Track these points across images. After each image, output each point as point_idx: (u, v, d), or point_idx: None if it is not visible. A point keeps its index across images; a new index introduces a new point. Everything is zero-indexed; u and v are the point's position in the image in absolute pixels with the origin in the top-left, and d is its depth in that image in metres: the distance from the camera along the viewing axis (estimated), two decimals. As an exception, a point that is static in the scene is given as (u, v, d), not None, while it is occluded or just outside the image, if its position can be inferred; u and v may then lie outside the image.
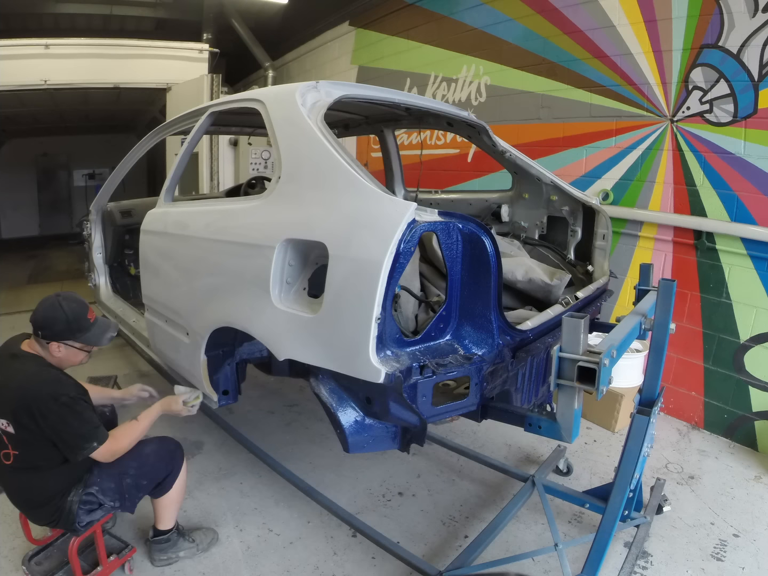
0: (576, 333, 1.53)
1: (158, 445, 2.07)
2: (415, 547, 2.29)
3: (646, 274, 2.37)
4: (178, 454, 2.09)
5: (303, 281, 1.77)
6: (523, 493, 2.40)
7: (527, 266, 2.45)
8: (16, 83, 5.77)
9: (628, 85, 3.54)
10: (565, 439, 1.67)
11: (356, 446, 1.65)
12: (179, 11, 7.72)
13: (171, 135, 3.13)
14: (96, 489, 1.90)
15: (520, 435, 3.09)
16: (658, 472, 2.87)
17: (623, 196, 3.65)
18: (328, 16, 6.65)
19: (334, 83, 2.11)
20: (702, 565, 2.22)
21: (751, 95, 2.96)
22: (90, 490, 1.89)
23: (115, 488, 1.93)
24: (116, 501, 1.94)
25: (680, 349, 3.43)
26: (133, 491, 1.96)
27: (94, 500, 1.90)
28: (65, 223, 11.70)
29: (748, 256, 3.07)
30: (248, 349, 2.26)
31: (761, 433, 3.11)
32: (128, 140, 6.35)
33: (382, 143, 3.64)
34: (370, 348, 1.47)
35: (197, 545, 2.20)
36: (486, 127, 2.68)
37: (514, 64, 4.33)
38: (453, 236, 1.64)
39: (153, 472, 1.99)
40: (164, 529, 2.13)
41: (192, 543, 2.19)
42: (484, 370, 1.66)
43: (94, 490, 1.90)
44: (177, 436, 3.12)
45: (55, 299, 1.91)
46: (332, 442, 3.04)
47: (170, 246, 2.45)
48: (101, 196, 3.74)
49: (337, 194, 1.69)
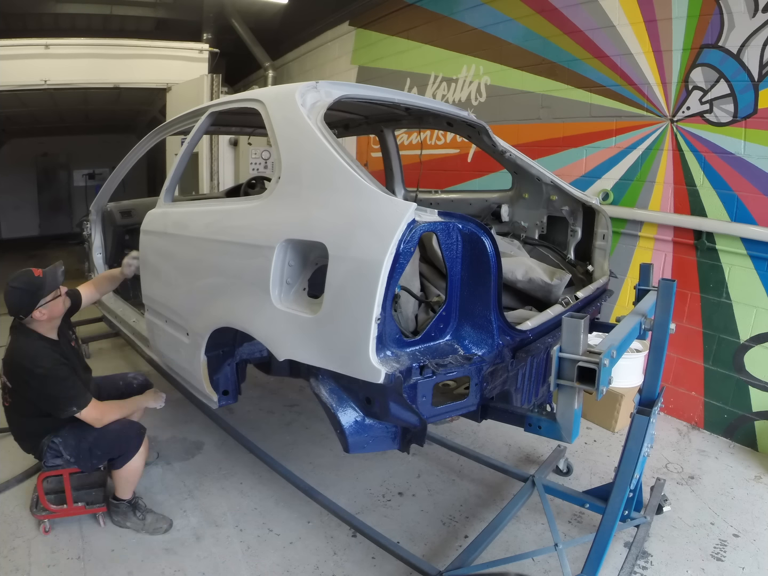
0: (576, 333, 1.53)
1: (121, 427, 2.31)
2: (415, 547, 2.29)
3: (646, 274, 2.37)
4: (135, 441, 2.30)
5: (303, 281, 1.77)
6: (523, 493, 2.40)
7: (527, 266, 2.45)
8: (16, 83, 5.77)
9: (628, 85, 3.54)
10: (565, 439, 1.67)
11: (356, 446, 1.65)
12: (179, 11, 7.72)
13: (171, 135, 3.13)
14: (60, 441, 2.25)
15: (520, 435, 3.09)
16: (658, 472, 2.87)
17: (623, 196, 3.65)
18: (328, 16, 6.65)
19: (334, 83, 2.11)
20: (702, 565, 2.22)
21: (751, 95, 2.96)
22: (56, 439, 2.25)
23: (74, 446, 2.26)
24: (72, 457, 2.27)
25: (680, 349, 3.43)
26: (87, 455, 2.26)
27: (56, 449, 2.26)
28: (65, 223, 11.67)
29: (748, 256, 3.07)
30: (248, 349, 2.26)
31: (761, 433, 3.11)
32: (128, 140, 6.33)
33: (382, 143, 3.64)
34: (370, 348, 1.47)
35: (144, 524, 2.35)
36: (486, 127, 2.67)
37: (514, 64, 4.33)
38: (453, 236, 1.64)
39: (107, 447, 2.26)
40: (120, 497, 2.38)
41: (141, 521, 2.36)
42: (484, 370, 1.66)
43: (58, 441, 2.25)
44: (177, 436, 3.13)
45: (7, 288, 2.16)
46: (332, 442, 3.04)
47: (170, 246, 2.45)
48: (101, 196, 3.74)
49: (336, 194, 1.69)
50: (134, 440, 2.30)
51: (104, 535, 2.33)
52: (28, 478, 2.66)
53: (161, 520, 2.40)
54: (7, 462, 2.78)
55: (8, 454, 2.83)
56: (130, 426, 2.35)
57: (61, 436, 2.26)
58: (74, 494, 2.35)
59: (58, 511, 2.33)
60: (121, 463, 2.28)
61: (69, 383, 2.17)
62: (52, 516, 2.34)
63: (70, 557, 2.19)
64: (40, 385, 2.12)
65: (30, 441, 2.31)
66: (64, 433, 2.26)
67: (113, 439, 2.26)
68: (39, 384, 2.12)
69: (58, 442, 2.26)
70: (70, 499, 2.33)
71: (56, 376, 2.14)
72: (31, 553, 2.20)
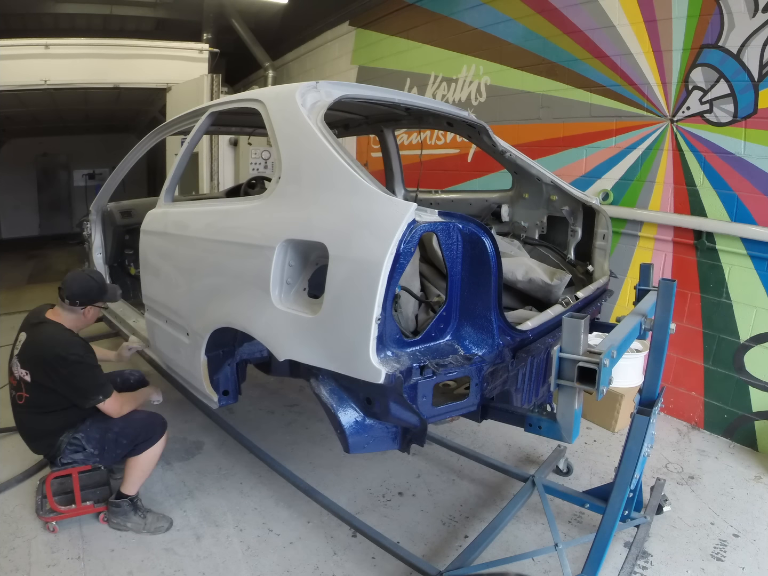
0: (576, 333, 1.53)
1: (147, 416, 2.39)
2: (415, 547, 2.29)
3: (646, 274, 2.37)
4: (159, 429, 2.37)
5: (303, 282, 1.77)
6: (523, 493, 2.40)
7: (527, 266, 2.45)
8: (16, 83, 5.77)
9: (628, 85, 3.54)
10: (566, 440, 1.67)
11: (356, 446, 1.65)
12: (179, 11, 7.72)
13: (171, 135, 3.13)
14: (82, 435, 2.29)
15: (520, 435, 3.09)
16: (658, 472, 2.87)
17: (623, 196, 3.65)
18: (328, 16, 6.65)
19: (334, 83, 2.11)
20: (702, 565, 2.22)
21: (751, 95, 2.96)
22: (77, 435, 2.29)
23: (99, 439, 2.29)
24: (96, 449, 2.31)
25: (680, 349, 3.43)
26: (112, 446, 2.30)
27: (78, 444, 2.30)
28: (65, 223, 11.68)
29: (748, 256, 3.07)
30: (248, 349, 2.26)
31: (761, 433, 3.11)
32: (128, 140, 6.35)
33: (382, 143, 3.64)
34: (370, 348, 1.47)
35: (145, 524, 2.35)
36: (486, 127, 2.67)
37: (514, 64, 4.33)
38: (453, 236, 1.64)
39: (134, 434, 2.30)
40: (124, 493, 2.36)
41: (142, 519, 2.35)
42: (485, 370, 1.66)
43: (81, 436, 2.29)
44: (177, 436, 3.13)
45: (85, 275, 2.41)
46: (332, 442, 3.04)
47: (170, 246, 2.45)
48: (101, 196, 3.74)
49: (337, 194, 1.69)
50: (160, 428, 2.38)
51: (104, 535, 2.33)
52: (28, 478, 2.66)
53: (162, 519, 2.40)
54: (7, 462, 2.78)
55: (8, 454, 2.83)
56: (154, 416, 2.42)
57: (83, 431, 2.30)
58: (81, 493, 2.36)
59: (66, 511, 2.33)
60: (143, 449, 2.31)
61: (98, 371, 2.29)
62: (61, 517, 2.34)
63: (70, 557, 2.19)
64: (71, 373, 2.17)
65: (46, 439, 2.31)
66: (84, 428, 2.30)
67: (140, 426, 2.33)
68: (71, 372, 2.17)
69: (81, 437, 2.30)
70: (79, 499, 2.34)
71: (89, 364, 2.24)
72: (31, 553, 2.20)
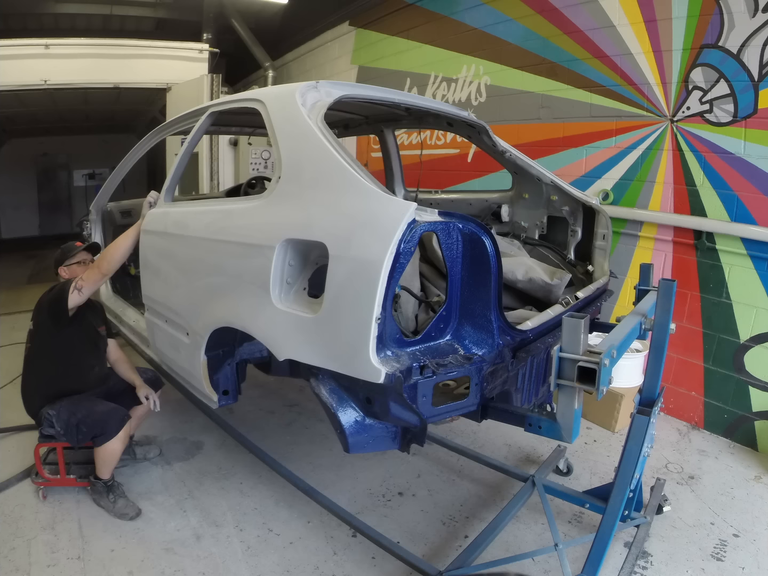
0: (576, 333, 1.53)
1: (108, 410, 2.49)
2: (415, 547, 2.29)
3: (646, 274, 2.37)
4: (115, 425, 2.44)
5: (303, 281, 1.77)
6: (523, 493, 2.40)
7: (527, 266, 2.45)
8: (16, 83, 5.76)
9: (628, 85, 3.54)
10: (566, 439, 1.67)
11: (356, 446, 1.65)
12: (179, 11, 7.72)
13: (171, 135, 3.13)
14: (54, 413, 2.47)
15: (520, 435, 3.09)
16: (658, 472, 2.87)
17: (623, 196, 3.65)
18: (328, 16, 6.65)
19: (334, 83, 2.11)
20: (702, 565, 2.22)
21: (751, 95, 2.96)
22: (51, 411, 2.48)
23: (65, 420, 2.45)
24: (62, 430, 2.46)
25: (680, 349, 3.43)
26: (74, 430, 2.43)
27: (50, 420, 2.48)
28: (65, 223, 11.68)
29: (748, 256, 3.07)
30: (248, 349, 2.25)
31: (761, 433, 3.11)
32: (128, 140, 6.33)
33: (382, 143, 3.64)
34: (370, 348, 1.47)
35: (114, 507, 2.47)
36: (486, 127, 2.67)
37: (514, 64, 4.33)
38: (453, 236, 1.64)
39: (92, 425, 2.42)
40: (99, 476, 2.51)
41: (111, 503, 2.48)
42: (485, 370, 1.66)
43: (53, 413, 2.47)
44: (177, 436, 3.13)
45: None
46: (332, 442, 3.04)
47: (170, 246, 2.45)
48: (101, 196, 3.74)
49: (337, 194, 1.68)
50: (116, 424, 2.43)
51: (104, 535, 2.32)
52: (28, 478, 2.66)
53: (129, 507, 2.48)
54: (7, 462, 2.79)
55: (8, 454, 2.84)
56: (115, 411, 2.50)
57: (56, 409, 2.47)
58: (68, 468, 2.60)
59: (52, 479, 2.58)
60: (101, 442, 2.42)
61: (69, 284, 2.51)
62: (48, 484, 2.58)
63: (70, 557, 2.19)
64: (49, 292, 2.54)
65: (30, 401, 2.58)
66: (58, 406, 2.47)
67: (98, 419, 2.43)
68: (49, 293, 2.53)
69: (53, 414, 2.47)
70: (63, 471, 2.57)
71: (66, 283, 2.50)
72: (31, 553, 2.20)
